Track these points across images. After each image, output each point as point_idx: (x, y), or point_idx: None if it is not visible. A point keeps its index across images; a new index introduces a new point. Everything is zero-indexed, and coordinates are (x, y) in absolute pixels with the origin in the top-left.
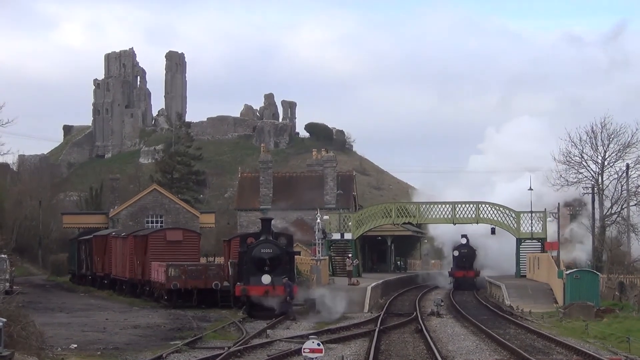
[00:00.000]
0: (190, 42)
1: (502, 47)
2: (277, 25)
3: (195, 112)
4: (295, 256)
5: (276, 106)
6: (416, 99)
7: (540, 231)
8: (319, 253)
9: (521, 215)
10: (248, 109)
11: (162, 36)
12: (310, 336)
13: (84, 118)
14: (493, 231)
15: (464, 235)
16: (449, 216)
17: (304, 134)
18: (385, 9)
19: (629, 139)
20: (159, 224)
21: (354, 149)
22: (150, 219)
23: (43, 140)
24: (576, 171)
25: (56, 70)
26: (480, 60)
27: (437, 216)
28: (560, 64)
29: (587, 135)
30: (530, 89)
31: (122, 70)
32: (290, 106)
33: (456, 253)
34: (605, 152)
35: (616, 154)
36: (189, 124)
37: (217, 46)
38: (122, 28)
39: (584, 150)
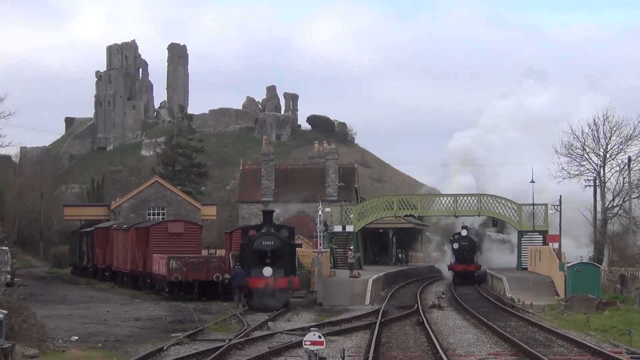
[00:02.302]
0: (202, 35)
1: (521, 40)
2: (286, 19)
3: (197, 105)
4: (297, 248)
5: (278, 98)
6: (427, 92)
7: (542, 223)
8: (320, 245)
9: (523, 207)
10: (250, 101)
11: (172, 28)
12: (311, 328)
13: (86, 110)
14: (495, 223)
15: (464, 227)
16: (451, 208)
17: (305, 126)
18: (401, 1)
19: (631, 132)
20: (160, 216)
21: (355, 142)
22: (151, 211)
23: (45, 133)
24: (578, 164)
25: (61, 62)
26: (498, 55)
27: (439, 208)
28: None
29: (589, 128)
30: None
31: (124, 62)
32: (292, 98)
33: (456, 246)
34: (607, 144)
35: (618, 147)
36: (190, 116)
37: (228, 39)
38: (124, 21)
39: (586, 143)
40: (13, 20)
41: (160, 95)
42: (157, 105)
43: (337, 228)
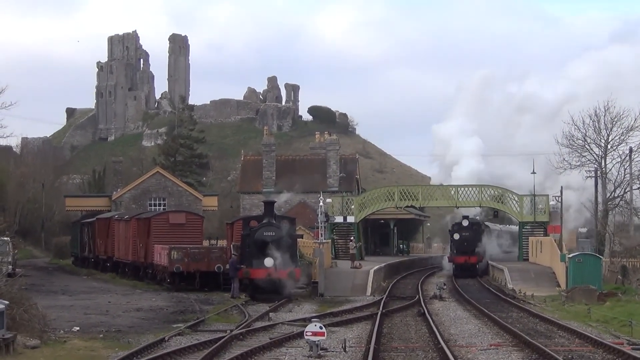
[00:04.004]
0: (212, 24)
1: (534, 30)
2: (296, 11)
3: (198, 95)
4: (298, 239)
5: (279, 89)
6: (433, 83)
7: (543, 214)
8: (321, 236)
9: (524, 198)
10: (251, 91)
11: (179, 18)
12: (312, 319)
13: (87, 101)
14: (496, 214)
15: (465, 217)
16: (452, 199)
17: (306, 117)
18: None
19: (632, 123)
20: (161, 207)
21: (357, 132)
22: (153, 202)
23: (46, 123)
24: (579, 154)
25: (64, 53)
26: (509, 45)
27: (440, 199)
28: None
29: (590, 119)
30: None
31: (125, 53)
32: (293, 89)
33: (456, 236)
34: (608, 135)
35: (619, 138)
36: (192, 107)
37: (237, 29)
38: (136, 11)
39: (587, 134)
40: (22, 10)
41: (161, 86)
42: (158, 96)
43: (338, 219)
